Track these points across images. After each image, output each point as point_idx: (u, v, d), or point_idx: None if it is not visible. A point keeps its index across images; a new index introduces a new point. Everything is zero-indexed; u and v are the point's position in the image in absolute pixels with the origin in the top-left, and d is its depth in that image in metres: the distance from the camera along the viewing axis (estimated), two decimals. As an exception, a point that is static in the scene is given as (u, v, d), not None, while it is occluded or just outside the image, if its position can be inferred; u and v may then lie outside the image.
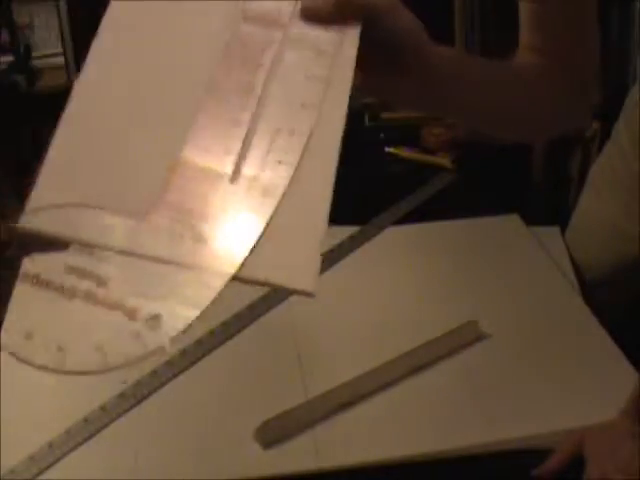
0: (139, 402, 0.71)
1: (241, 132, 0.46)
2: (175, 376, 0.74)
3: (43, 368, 0.40)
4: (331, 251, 0.90)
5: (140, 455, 0.66)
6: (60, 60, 1.84)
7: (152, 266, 0.42)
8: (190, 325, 0.41)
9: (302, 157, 0.45)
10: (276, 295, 0.84)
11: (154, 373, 0.73)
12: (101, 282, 0.41)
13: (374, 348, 0.77)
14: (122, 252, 0.42)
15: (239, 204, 0.44)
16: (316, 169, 0.45)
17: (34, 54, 1.91)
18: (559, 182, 1.30)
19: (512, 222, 0.98)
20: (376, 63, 0.53)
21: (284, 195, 0.44)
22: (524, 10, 0.69)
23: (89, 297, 0.41)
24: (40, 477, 0.64)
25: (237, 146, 0.46)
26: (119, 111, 0.47)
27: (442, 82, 0.57)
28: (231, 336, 0.79)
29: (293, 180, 0.44)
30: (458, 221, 0.98)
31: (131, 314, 0.40)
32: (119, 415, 0.69)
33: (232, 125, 0.46)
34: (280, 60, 0.49)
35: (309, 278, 0.42)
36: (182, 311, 0.41)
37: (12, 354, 0.40)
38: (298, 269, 0.42)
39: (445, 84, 0.58)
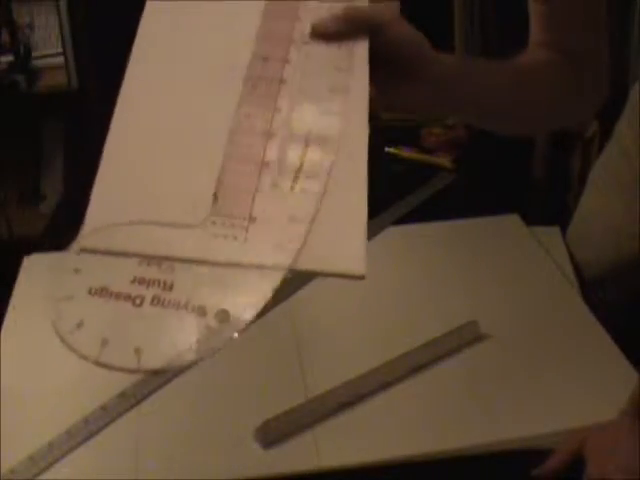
0: (139, 402, 0.71)
1: (276, 142, 0.50)
2: (175, 376, 0.74)
3: (121, 370, 0.43)
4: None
5: (140, 455, 0.66)
6: (60, 60, 1.84)
7: (213, 268, 0.45)
8: (257, 315, 0.44)
9: (336, 157, 0.49)
10: (276, 295, 0.84)
11: (154, 373, 0.73)
12: (166, 287, 0.44)
13: (374, 348, 0.77)
14: (183, 260, 0.45)
15: (283, 204, 0.47)
16: (350, 166, 0.49)
17: (34, 54, 1.91)
18: (559, 182, 1.30)
19: (512, 222, 0.98)
20: (383, 75, 0.56)
21: (324, 192, 0.48)
22: (535, 8, 0.69)
23: (157, 301, 0.44)
24: (40, 477, 0.64)
25: (274, 156, 0.49)
26: (161, 125, 0.51)
27: (447, 86, 0.59)
28: (231, 336, 0.79)
29: (330, 178, 0.48)
30: (458, 221, 0.98)
31: (200, 311, 0.43)
32: (119, 415, 0.69)
33: (267, 137, 0.50)
34: (301, 76, 0.53)
35: (358, 262, 0.46)
36: (247, 304, 0.44)
37: (92, 361, 0.43)
38: (347, 255, 0.46)
39: (451, 88, 0.60)
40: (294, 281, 0.86)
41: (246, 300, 0.44)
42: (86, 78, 1.80)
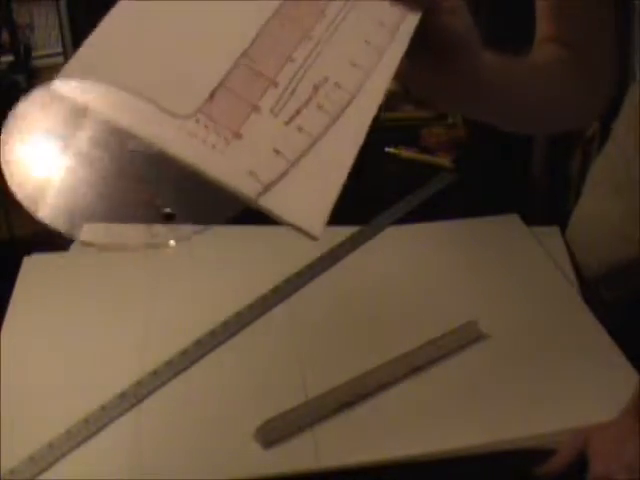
0: (139, 402, 0.71)
1: (293, 68, 0.47)
2: (175, 376, 0.74)
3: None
4: (331, 251, 0.90)
5: (140, 455, 0.66)
6: (60, 60, 1.84)
7: (181, 169, 0.43)
8: (199, 232, 0.42)
9: (341, 111, 0.47)
10: (276, 295, 0.84)
11: (154, 373, 0.73)
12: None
13: (374, 348, 0.77)
14: (151, 144, 0.42)
15: (274, 134, 0.45)
16: (350, 126, 0.47)
17: (34, 54, 1.91)
18: (559, 182, 1.30)
19: (512, 222, 0.98)
20: (424, 56, 0.54)
21: (316, 140, 0.45)
22: (542, 2, 0.69)
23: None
24: (40, 477, 0.64)
25: (286, 80, 0.47)
26: (185, 7, 0.48)
27: (481, 87, 0.58)
28: (231, 336, 0.79)
29: (327, 129, 0.46)
30: (458, 221, 0.98)
31: (149, 203, 0.42)
32: (119, 415, 0.69)
33: (286, 60, 0.47)
34: (343, 16, 0.50)
35: (318, 223, 0.44)
36: (196, 218, 0.42)
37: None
38: (310, 212, 0.44)
39: (484, 88, 0.59)
40: (294, 281, 0.86)
41: (198, 214, 0.42)
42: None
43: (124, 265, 0.89)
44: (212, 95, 0.45)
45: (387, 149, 1.15)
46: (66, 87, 0.44)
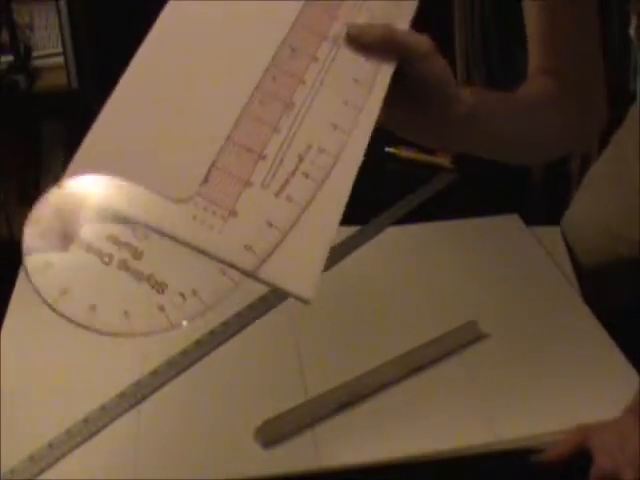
0: (139, 402, 0.71)
1: (279, 139, 0.50)
2: (175, 376, 0.74)
3: (74, 323, 0.44)
4: (331, 251, 0.90)
5: (140, 455, 0.66)
6: (60, 60, 1.84)
7: (183, 250, 0.46)
8: (208, 309, 0.45)
9: (326, 176, 0.50)
10: (276, 295, 0.84)
11: (154, 373, 0.73)
12: (136, 255, 0.45)
13: (374, 348, 0.77)
14: (156, 231, 0.46)
15: (266, 207, 0.48)
16: (335, 189, 0.50)
17: (34, 54, 1.91)
18: (559, 182, 1.31)
19: (512, 222, 0.98)
20: (401, 100, 0.56)
21: (305, 208, 0.49)
22: (533, 35, 0.71)
23: (123, 266, 0.45)
24: (40, 477, 0.64)
25: (273, 152, 0.50)
26: (172, 92, 0.52)
27: (463, 124, 0.59)
28: (231, 336, 0.79)
29: (314, 195, 0.49)
30: (458, 221, 0.98)
31: (159, 288, 0.45)
32: (119, 415, 0.69)
33: (272, 131, 0.51)
34: (321, 81, 0.53)
35: (309, 287, 0.48)
36: (204, 295, 0.45)
37: (47, 305, 0.44)
38: (302, 278, 0.48)
39: (466, 125, 0.60)
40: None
41: (204, 291, 0.45)
42: (86, 78, 1.80)
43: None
44: (207, 177, 0.48)
45: (387, 149, 1.15)
46: (75, 184, 0.47)
